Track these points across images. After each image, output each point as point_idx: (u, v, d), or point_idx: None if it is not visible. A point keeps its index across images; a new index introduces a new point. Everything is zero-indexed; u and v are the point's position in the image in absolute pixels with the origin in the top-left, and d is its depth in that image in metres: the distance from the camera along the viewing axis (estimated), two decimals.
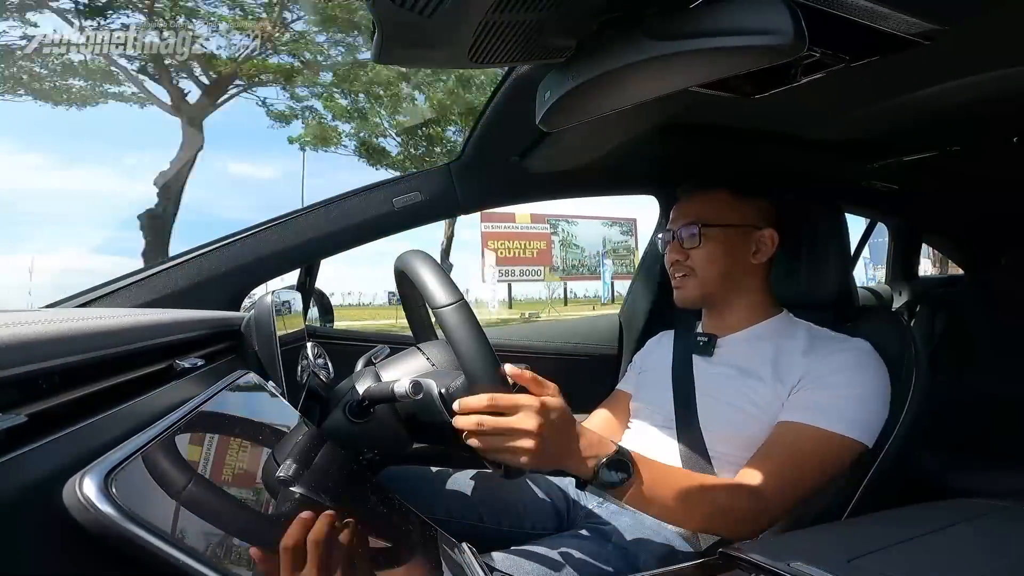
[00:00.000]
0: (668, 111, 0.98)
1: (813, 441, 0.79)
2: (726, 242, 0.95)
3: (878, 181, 1.54)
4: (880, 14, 0.59)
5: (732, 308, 0.98)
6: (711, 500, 0.75)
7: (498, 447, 0.64)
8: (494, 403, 0.63)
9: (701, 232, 0.95)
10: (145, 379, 0.49)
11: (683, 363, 1.00)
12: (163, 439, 0.40)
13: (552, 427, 0.64)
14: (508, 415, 0.63)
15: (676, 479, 0.75)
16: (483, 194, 1.21)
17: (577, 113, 0.62)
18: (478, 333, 0.64)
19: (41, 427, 0.34)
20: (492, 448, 0.64)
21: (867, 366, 0.84)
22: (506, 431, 0.63)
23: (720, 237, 0.95)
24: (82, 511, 0.31)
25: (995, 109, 0.99)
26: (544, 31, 0.54)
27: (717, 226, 0.95)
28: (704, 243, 0.95)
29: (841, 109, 1.01)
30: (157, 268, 1.00)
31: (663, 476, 0.74)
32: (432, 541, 0.64)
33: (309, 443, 0.60)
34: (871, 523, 0.64)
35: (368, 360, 0.88)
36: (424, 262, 0.69)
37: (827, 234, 0.98)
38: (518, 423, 0.62)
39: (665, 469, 0.76)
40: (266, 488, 0.47)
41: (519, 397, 0.64)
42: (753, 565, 0.50)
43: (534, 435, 0.62)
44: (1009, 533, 0.59)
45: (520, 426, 0.62)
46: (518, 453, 0.63)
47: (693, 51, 0.48)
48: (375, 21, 0.51)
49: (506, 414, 0.63)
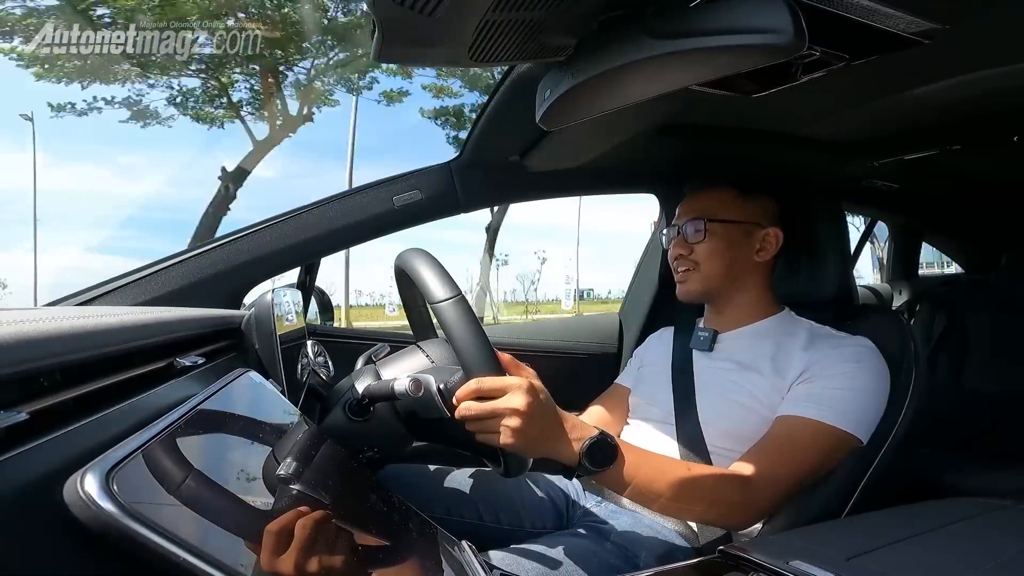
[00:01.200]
0: (668, 110, 0.98)
1: (808, 433, 0.80)
2: (730, 238, 0.96)
3: (879, 180, 1.54)
4: (880, 13, 0.59)
5: (734, 304, 0.99)
6: (700, 488, 0.76)
7: (489, 430, 0.66)
8: (481, 386, 0.64)
9: (706, 227, 0.95)
10: (145, 377, 0.49)
11: (683, 358, 1.01)
12: (164, 437, 0.40)
13: (540, 407, 0.66)
14: (497, 397, 0.65)
15: (663, 465, 0.76)
16: (483, 193, 1.21)
17: (577, 112, 0.62)
18: (475, 327, 0.64)
19: (42, 425, 0.34)
20: (483, 431, 0.66)
21: (867, 362, 0.84)
22: (495, 413, 0.64)
23: (724, 232, 0.96)
24: (83, 508, 0.31)
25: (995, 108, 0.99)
26: (544, 30, 0.54)
27: (721, 221, 0.96)
28: (708, 238, 0.96)
29: (841, 108, 1.01)
30: (157, 266, 0.99)
31: (648, 461, 0.75)
32: (432, 539, 0.64)
33: (309, 441, 0.60)
34: (870, 522, 0.64)
35: (368, 358, 0.88)
36: (423, 259, 0.69)
37: (827, 233, 0.98)
38: (505, 403, 0.64)
39: (650, 455, 0.77)
40: (266, 486, 0.47)
41: (506, 379, 0.65)
42: (752, 563, 0.50)
43: (521, 414, 0.64)
44: (1007, 532, 0.59)
45: (508, 405, 0.64)
46: (507, 433, 0.65)
47: (693, 50, 0.48)
48: (375, 20, 0.51)
49: (495, 396, 0.65)
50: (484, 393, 0.65)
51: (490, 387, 0.65)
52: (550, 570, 0.76)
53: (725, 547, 0.54)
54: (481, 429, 0.66)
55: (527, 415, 0.64)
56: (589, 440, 0.70)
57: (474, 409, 0.65)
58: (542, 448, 0.68)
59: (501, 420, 0.65)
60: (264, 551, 0.39)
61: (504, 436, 0.65)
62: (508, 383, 0.65)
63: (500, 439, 0.65)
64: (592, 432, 0.71)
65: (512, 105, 0.94)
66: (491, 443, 0.67)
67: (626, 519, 0.89)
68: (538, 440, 0.67)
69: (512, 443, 0.65)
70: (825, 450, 0.79)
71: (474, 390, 0.64)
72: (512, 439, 0.65)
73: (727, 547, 0.54)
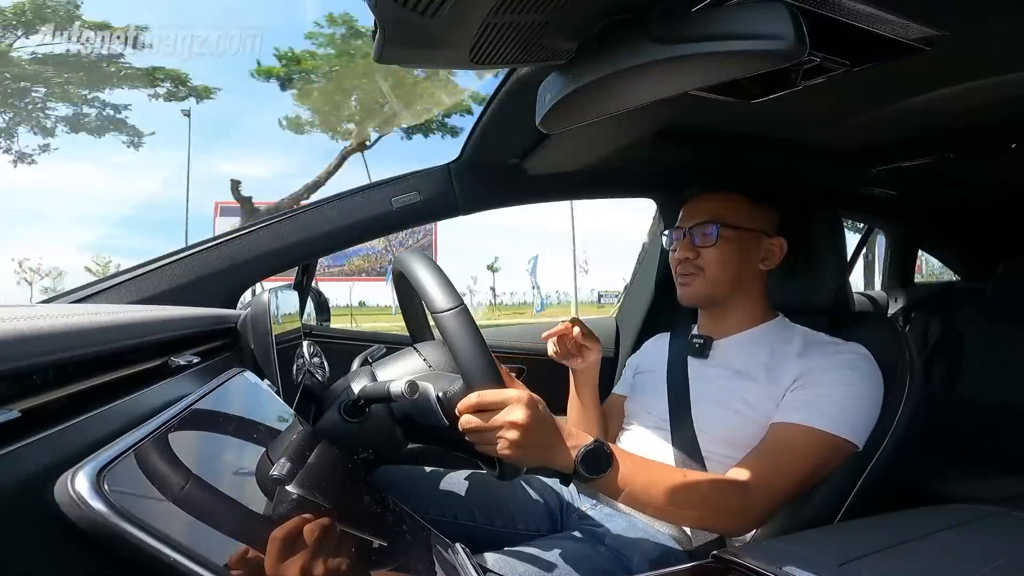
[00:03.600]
0: (668, 115, 0.98)
1: (802, 439, 0.80)
2: (740, 245, 0.95)
3: (877, 187, 1.55)
4: (881, 19, 0.60)
5: (731, 311, 0.98)
6: (696, 494, 0.76)
7: (489, 442, 0.66)
8: (482, 399, 0.65)
9: (719, 232, 0.94)
10: (140, 376, 0.49)
11: (678, 365, 1.01)
12: (157, 436, 0.39)
13: (538, 419, 0.66)
14: (498, 410, 0.65)
15: (658, 472, 0.76)
16: (482, 195, 1.21)
17: (577, 115, 0.62)
18: (477, 339, 0.64)
19: (34, 423, 0.33)
20: (484, 443, 0.67)
21: (861, 368, 0.84)
22: (496, 426, 0.65)
23: (735, 239, 0.95)
24: (74, 508, 0.31)
25: (994, 116, 1.00)
26: (546, 33, 0.54)
27: (734, 227, 0.94)
28: (720, 243, 0.94)
29: (840, 115, 1.01)
30: (153, 265, 0.99)
31: (643, 468, 0.75)
32: (425, 541, 0.64)
33: (303, 442, 0.60)
34: (863, 528, 0.64)
35: (364, 359, 0.88)
36: (424, 265, 0.68)
37: (824, 240, 0.98)
38: (505, 416, 0.65)
39: (645, 462, 0.77)
40: (260, 487, 0.47)
41: (506, 393, 0.66)
42: (745, 568, 0.50)
43: (520, 427, 0.65)
44: (999, 539, 0.59)
45: (508, 419, 0.65)
46: (505, 445, 0.65)
47: (694, 55, 0.48)
48: (376, 21, 0.51)
49: (496, 409, 0.65)
50: (484, 407, 0.65)
51: (491, 401, 0.65)
52: (544, 573, 0.75)
53: (719, 552, 0.54)
54: (481, 441, 0.67)
55: (526, 428, 0.65)
56: (584, 448, 0.70)
57: (474, 423, 0.65)
58: (539, 457, 0.68)
59: (500, 434, 0.65)
60: (257, 552, 0.39)
61: (502, 447, 0.65)
62: (508, 396, 0.65)
63: (498, 450, 0.66)
64: (587, 440, 0.71)
65: (512, 108, 0.94)
66: (490, 454, 0.68)
67: (620, 522, 0.89)
68: (535, 450, 0.67)
69: (510, 455, 0.66)
70: (820, 456, 0.79)
71: (475, 403, 0.65)
72: (510, 451, 0.65)
73: (720, 552, 0.54)
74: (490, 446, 0.66)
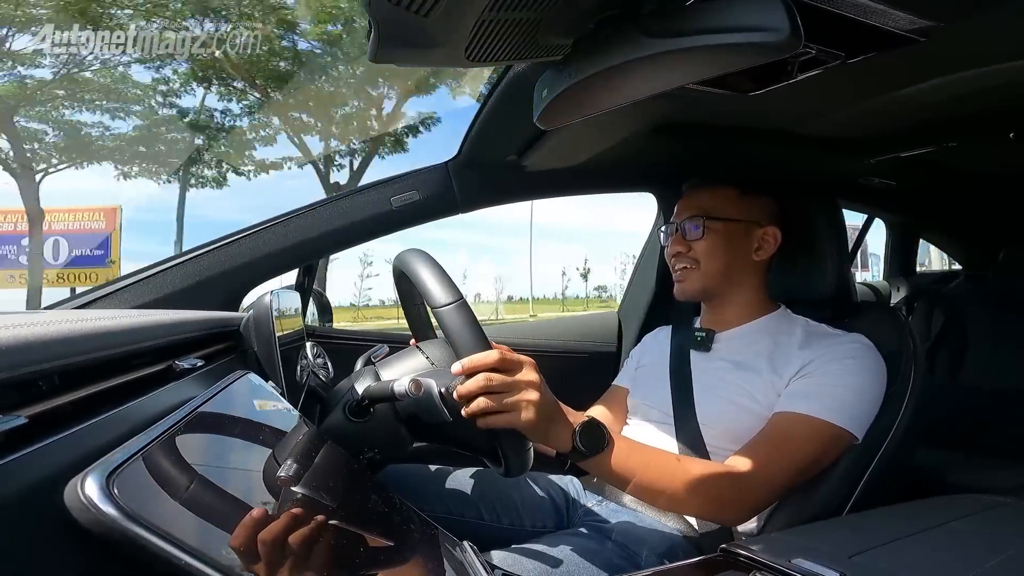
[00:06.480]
0: (665, 109, 0.98)
1: (801, 429, 0.80)
2: (729, 236, 0.96)
3: (875, 177, 1.54)
4: (876, 11, 0.59)
5: (731, 303, 0.99)
6: (692, 478, 0.77)
7: (504, 408, 0.66)
8: (503, 355, 0.66)
9: (705, 224, 0.95)
10: (145, 380, 0.49)
11: (680, 358, 1.01)
12: (163, 440, 0.40)
13: (545, 385, 0.69)
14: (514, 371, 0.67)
15: (653, 455, 0.78)
16: (481, 193, 1.21)
17: (574, 111, 0.62)
18: (478, 332, 0.65)
19: (42, 428, 0.34)
20: (499, 409, 0.66)
21: (863, 359, 0.84)
22: (513, 385, 0.66)
23: (723, 230, 0.96)
24: (84, 512, 0.31)
25: (992, 105, 0.99)
26: (541, 29, 0.54)
27: (721, 219, 0.96)
28: (707, 235, 0.95)
29: (837, 105, 1.01)
30: (156, 269, 0.99)
31: (639, 450, 0.77)
32: (433, 540, 0.64)
33: (309, 443, 0.60)
34: (871, 520, 0.64)
35: (367, 359, 0.88)
36: (423, 261, 0.69)
37: (825, 230, 0.98)
38: (524, 375, 0.67)
39: (641, 445, 0.79)
40: (267, 488, 0.47)
41: (520, 356, 0.68)
42: (754, 561, 0.50)
43: (538, 387, 0.67)
44: (1007, 529, 0.59)
45: (525, 378, 0.66)
46: (523, 407, 0.66)
47: (689, 48, 0.48)
48: (371, 20, 0.51)
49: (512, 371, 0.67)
50: (504, 365, 0.66)
51: (510, 358, 0.67)
52: (552, 569, 0.76)
53: (727, 545, 0.54)
54: (497, 407, 0.66)
55: (541, 389, 0.67)
56: (582, 423, 0.73)
57: (496, 380, 0.65)
58: (546, 430, 0.69)
59: (518, 395, 0.66)
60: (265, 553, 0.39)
61: (525, 412, 0.66)
62: (524, 358, 0.68)
63: (520, 416, 0.66)
64: (583, 418, 0.74)
65: (509, 105, 0.94)
66: (500, 425, 0.67)
67: (627, 518, 0.89)
68: (545, 421, 0.68)
69: (532, 418, 0.66)
70: (819, 446, 0.79)
71: (495, 360, 0.65)
72: (532, 414, 0.66)
73: (729, 545, 0.54)
74: (501, 414, 0.66)
